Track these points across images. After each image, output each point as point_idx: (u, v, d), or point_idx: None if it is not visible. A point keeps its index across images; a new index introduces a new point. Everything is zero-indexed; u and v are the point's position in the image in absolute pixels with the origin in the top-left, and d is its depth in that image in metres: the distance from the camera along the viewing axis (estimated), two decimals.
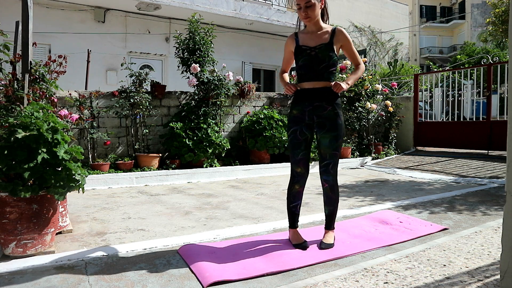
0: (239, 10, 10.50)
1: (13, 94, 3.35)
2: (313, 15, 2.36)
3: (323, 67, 2.38)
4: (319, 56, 2.37)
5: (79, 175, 2.33)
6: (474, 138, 7.14)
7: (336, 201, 2.50)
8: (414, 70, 15.21)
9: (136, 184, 5.06)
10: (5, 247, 2.24)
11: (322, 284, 1.90)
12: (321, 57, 2.37)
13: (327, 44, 2.38)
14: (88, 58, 7.93)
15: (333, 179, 2.44)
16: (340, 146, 2.42)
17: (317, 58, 2.38)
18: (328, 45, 2.38)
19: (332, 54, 2.38)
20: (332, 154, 2.39)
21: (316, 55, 2.38)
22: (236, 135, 6.75)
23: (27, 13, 3.17)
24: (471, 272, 2.02)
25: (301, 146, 2.41)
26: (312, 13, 2.36)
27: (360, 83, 7.37)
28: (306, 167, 2.45)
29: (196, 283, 1.94)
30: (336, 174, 2.45)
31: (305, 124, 2.40)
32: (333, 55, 2.39)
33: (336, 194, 2.48)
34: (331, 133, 2.37)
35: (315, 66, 2.38)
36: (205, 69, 6.02)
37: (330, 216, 2.53)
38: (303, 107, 2.40)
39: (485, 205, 3.69)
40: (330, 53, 2.37)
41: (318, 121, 2.39)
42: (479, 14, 29.74)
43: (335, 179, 2.45)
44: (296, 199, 2.50)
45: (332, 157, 2.39)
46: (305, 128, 2.40)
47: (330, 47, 2.38)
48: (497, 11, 13.96)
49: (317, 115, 2.38)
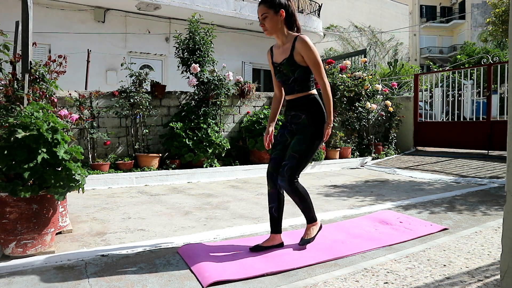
0: (239, 10, 10.50)
1: (13, 94, 3.35)
2: (269, 26, 2.28)
3: (291, 82, 2.34)
4: (285, 73, 2.34)
5: (79, 175, 2.33)
6: (474, 138, 7.14)
7: (302, 201, 2.37)
8: (414, 70, 15.22)
9: (136, 184, 5.06)
10: (5, 247, 2.24)
11: (322, 284, 1.90)
12: (286, 73, 2.34)
13: (288, 59, 2.30)
14: (88, 58, 7.93)
15: (286, 184, 2.26)
16: (303, 151, 2.27)
17: (284, 75, 2.36)
18: (289, 59, 2.29)
19: (295, 68, 2.29)
20: (290, 155, 2.29)
21: (282, 71, 2.35)
22: (236, 135, 6.75)
23: (27, 13, 3.17)
24: (471, 272, 2.01)
25: (277, 146, 2.45)
26: (268, 24, 2.28)
27: (360, 83, 7.37)
28: (275, 167, 2.40)
29: (196, 283, 1.94)
30: (291, 179, 2.26)
31: (288, 129, 2.44)
32: (296, 68, 2.29)
33: (297, 197, 2.33)
34: (297, 136, 2.33)
35: (286, 82, 2.38)
36: (205, 69, 6.02)
37: (303, 212, 2.46)
38: (286, 116, 2.47)
39: (485, 205, 3.69)
40: (292, 67, 2.29)
41: (294, 128, 2.40)
42: (479, 14, 29.74)
43: (289, 184, 2.26)
44: (271, 200, 2.43)
45: (290, 159, 2.28)
46: (287, 132, 2.44)
47: (292, 61, 2.29)
48: (497, 11, 13.96)
49: (294, 122, 2.40)
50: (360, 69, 8.05)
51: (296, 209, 3.56)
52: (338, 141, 7.27)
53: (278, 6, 2.28)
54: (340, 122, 7.51)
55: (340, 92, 7.14)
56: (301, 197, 2.35)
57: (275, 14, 2.27)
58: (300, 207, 2.43)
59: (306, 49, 2.25)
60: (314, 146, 2.32)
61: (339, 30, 20.28)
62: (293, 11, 2.36)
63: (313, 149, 2.32)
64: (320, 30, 12.77)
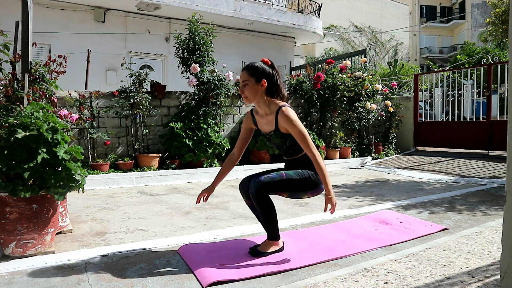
0: (239, 10, 10.50)
1: (13, 94, 3.35)
2: (249, 94, 2.22)
3: (285, 149, 2.31)
4: (275, 143, 2.32)
5: (79, 175, 2.33)
6: (474, 138, 7.14)
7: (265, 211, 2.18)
8: (414, 70, 15.22)
9: (136, 184, 5.06)
10: (5, 247, 2.24)
11: (322, 284, 1.90)
12: (277, 143, 2.31)
13: (275, 131, 2.25)
14: (88, 58, 7.93)
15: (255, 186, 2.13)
16: (291, 177, 2.19)
17: (276, 144, 2.34)
18: (277, 132, 2.25)
19: (285, 139, 2.24)
20: (279, 172, 2.21)
21: (274, 142, 2.33)
22: (236, 135, 6.75)
23: (27, 13, 3.17)
24: (471, 272, 2.01)
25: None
26: (247, 92, 2.21)
27: (360, 83, 7.38)
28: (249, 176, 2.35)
29: (196, 283, 1.94)
30: (263, 186, 2.12)
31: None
32: (287, 138, 2.24)
33: (261, 205, 2.16)
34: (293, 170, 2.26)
35: (280, 148, 2.35)
36: (205, 69, 6.02)
37: (265, 226, 2.27)
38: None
39: (485, 205, 3.69)
40: (282, 139, 2.25)
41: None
42: (479, 14, 29.75)
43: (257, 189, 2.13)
44: (253, 210, 2.37)
45: (277, 173, 2.20)
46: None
47: (279, 133, 2.24)
48: (497, 11, 13.96)
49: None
50: (360, 69, 8.05)
51: (297, 209, 3.57)
52: (338, 141, 7.28)
53: (261, 75, 2.22)
54: (340, 122, 7.52)
55: (340, 92, 7.15)
56: (266, 207, 2.17)
57: (256, 83, 2.21)
58: (262, 219, 2.25)
59: (288, 123, 2.15)
60: (300, 185, 2.20)
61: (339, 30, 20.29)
62: (278, 81, 2.27)
63: (299, 185, 2.19)
64: (320, 30, 12.77)
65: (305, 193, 2.26)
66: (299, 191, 2.24)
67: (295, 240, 2.55)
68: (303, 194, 2.27)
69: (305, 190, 2.25)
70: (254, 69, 2.24)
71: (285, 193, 2.24)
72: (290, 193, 2.25)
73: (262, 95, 2.25)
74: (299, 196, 2.29)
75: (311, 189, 2.25)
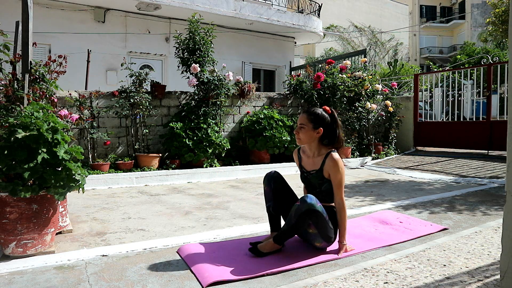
0: (239, 10, 10.50)
1: (13, 94, 3.35)
2: (302, 137, 2.33)
3: (317, 192, 2.39)
4: (312, 182, 2.40)
5: (79, 175, 2.33)
6: (474, 138, 7.14)
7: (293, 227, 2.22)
8: (414, 70, 15.22)
9: (136, 184, 5.06)
10: (5, 247, 2.24)
11: (322, 284, 1.90)
12: (313, 183, 2.39)
13: (318, 171, 2.35)
14: (88, 58, 7.93)
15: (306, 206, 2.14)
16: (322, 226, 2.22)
17: (311, 183, 2.42)
18: (319, 172, 2.34)
19: (322, 182, 2.34)
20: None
21: (310, 180, 2.41)
22: (236, 135, 6.75)
23: (27, 13, 3.17)
24: (471, 272, 2.02)
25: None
26: (302, 135, 2.33)
27: (360, 83, 7.38)
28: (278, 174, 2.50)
29: (196, 283, 1.94)
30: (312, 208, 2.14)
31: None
32: (324, 183, 2.34)
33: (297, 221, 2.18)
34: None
35: (311, 189, 2.43)
36: (205, 69, 6.02)
37: (283, 232, 2.28)
38: None
39: (485, 205, 3.69)
40: (320, 181, 2.35)
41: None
42: (479, 14, 29.75)
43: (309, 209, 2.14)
44: (268, 199, 2.48)
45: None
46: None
47: (321, 174, 2.33)
48: (497, 11, 13.97)
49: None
50: (360, 69, 8.05)
51: None
52: None
53: (319, 123, 2.32)
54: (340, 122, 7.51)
55: (340, 92, 7.15)
56: (298, 225, 2.20)
57: (312, 129, 2.32)
58: (286, 227, 2.24)
59: (334, 168, 2.27)
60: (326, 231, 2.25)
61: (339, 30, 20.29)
62: (336, 132, 2.35)
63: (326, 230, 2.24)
64: (320, 30, 12.76)
65: (322, 241, 2.29)
66: (321, 237, 2.26)
67: (295, 240, 2.55)
68: (320, 240, 2.29)
69: (324, 239, 2.28)
70: (313, 115, 2.33)
71: (313, 229, 2.23)
72: (317, 232, 2.24)
73: (315, 141, 2.35)
74: (316, 239, 2.28)
75: (328, 241, 2.30)
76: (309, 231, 2.26)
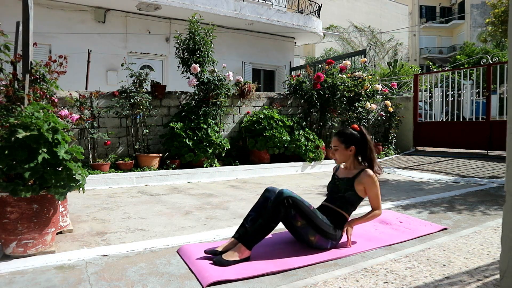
0: (239, 11, 10.50)
1: (14, 94, 3.35)
2: (338, 157, 2.56)
3: (338, 197, 2.51)
4: (338, 186, 2.55)
5: (80, 175, 2.33)
6: (474, 138, 7.14)
7: (266, 222, 2.23)
8: (413, 70, 15.22)
9: (136, 184, 5.06)
10: (5, 247, 2.24)
11: (322, 284, 1.90)
12: (339, 187, 2.53)
13: (349, 179, 2.51)
14: (89, 58, 7.93)
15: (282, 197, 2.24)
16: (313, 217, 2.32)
17: (336, 187, 2.56)
18: (350, 180, 2.49)
19: (348, 188, 2.47)
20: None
21: (337, 185, 2.56)
22: (236, 135, 6.75)
23: (27, 13, 3.18)
24: (471, 272, 2.02)
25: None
26: (338, 155, 2.56)
27: (360, 83, 7.38)
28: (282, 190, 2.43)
29: (196, 283, 1.94)
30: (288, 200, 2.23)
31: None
32: (349, 190, 2.47)
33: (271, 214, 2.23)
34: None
35: (334, 193, 2.57)
36: (205, 69, 6.03)
37: (254, 232, 2.24)
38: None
39: (485, 205, 3.70)
40: (347, 187, 2.48)
41: None
42: (478, 14, 29.76)
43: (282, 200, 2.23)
44: (254, 208, 2.46)
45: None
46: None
47: (351, 182, 2.48)
48: (497, 11, 13.98)
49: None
50: (360, 69, 8.06)
51: None
52: None
53: (350, 142, 2.51)
54: (340, 122, 7.52)
55: (340, 92, 7.15)
56: (273, 219, 2.21)
57: (345, 148, 2.52)
58: (257, 225, 2.22)
59: (369, 183, 2.45)
60: (317, 226, 2.32)
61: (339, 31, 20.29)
62: (367, 148, 2.51)
63: (316, 225, 2.32)
64: (320, 30, 12.77)
65: (315, 234, 2.35)
66: (313, 228, 2.32)
67: (294, 240, 2.55)
68: (313, 233, 2.34)
69: (317, 232, 2.34)
70: (343, 136, 2.54)
71: (301, 220, 2.30)
72: (305, 223, 2.31)
73: (350, 158, 2.55)
74: (308, 232, 2.33)
75: (323, 235, 2.36)
76: (297, 224, 2.31)
